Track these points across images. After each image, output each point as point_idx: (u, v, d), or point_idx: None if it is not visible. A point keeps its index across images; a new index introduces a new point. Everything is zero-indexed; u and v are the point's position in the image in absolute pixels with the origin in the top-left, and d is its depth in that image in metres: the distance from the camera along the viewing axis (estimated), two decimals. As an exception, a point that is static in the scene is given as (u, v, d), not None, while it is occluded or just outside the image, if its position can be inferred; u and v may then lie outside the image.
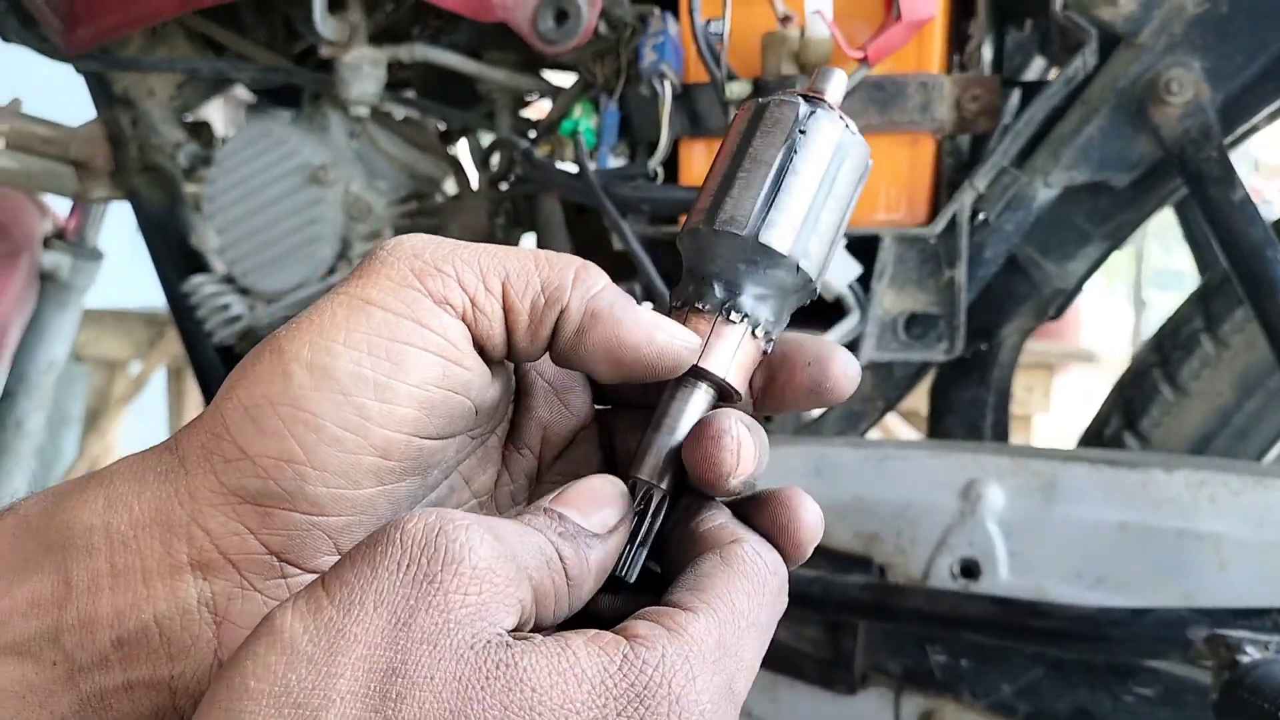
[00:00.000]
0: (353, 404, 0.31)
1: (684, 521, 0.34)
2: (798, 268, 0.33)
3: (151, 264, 1.14)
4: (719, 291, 0.33)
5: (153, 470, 0.33)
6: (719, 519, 0.33)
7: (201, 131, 1.15)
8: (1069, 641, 0.68)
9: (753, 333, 0.34)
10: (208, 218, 0.99)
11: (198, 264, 1.11)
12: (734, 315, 0.33)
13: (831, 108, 0.34)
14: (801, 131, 0.33)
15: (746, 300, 0.33)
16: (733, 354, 0.33)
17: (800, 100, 0.34)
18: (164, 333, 2.60)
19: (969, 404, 0.83)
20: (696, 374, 0.33)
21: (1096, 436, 0.84)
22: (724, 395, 0.34)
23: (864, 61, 0.72)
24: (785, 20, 0.75)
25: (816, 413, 0.86)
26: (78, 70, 1.05)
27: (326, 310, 0.32)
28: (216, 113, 1.43)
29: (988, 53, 0.80)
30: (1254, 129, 0.78)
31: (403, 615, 0.26)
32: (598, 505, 0.31)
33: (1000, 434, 0.83)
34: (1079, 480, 0.74)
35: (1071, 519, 0.74)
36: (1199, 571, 0.71)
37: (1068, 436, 0.94)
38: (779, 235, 0.33)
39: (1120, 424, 0.82)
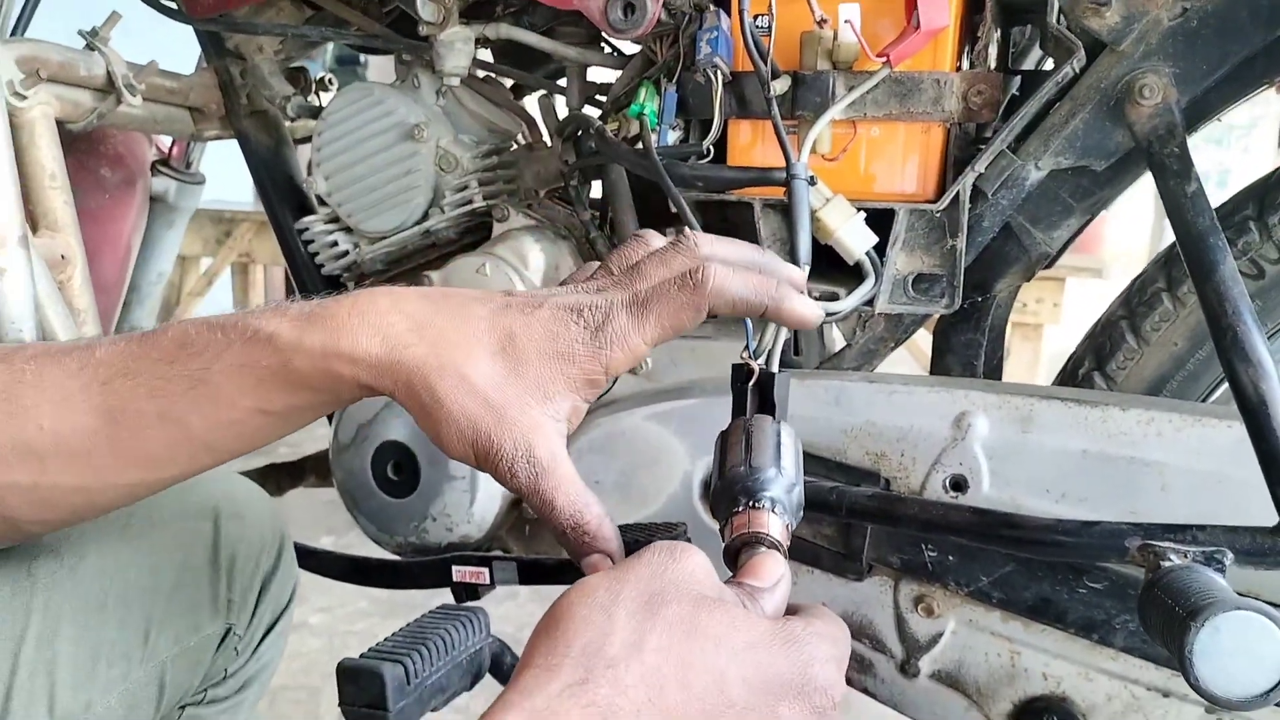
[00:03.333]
0: None
1: None
2: (797, 489, 0.59)
3: (259, 197, 1.30)
4: (770, 496, 0.57)
5: None
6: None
7: (299, 77, 1.29)
8: (1031, 546, 0.82)
9: (785, 524, 0.56)
10: (316, 165, 1.14)
11: (301, 199, 1.26)
12: (777, 509, 0.55)
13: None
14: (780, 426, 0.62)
15: (780, 504, 0.56)
16: (782, 530, 0.56)
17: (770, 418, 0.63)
18: (232, 230, 2.78)
19: (965, 346, 0.97)
20: (762, 539, 0.55)
21: (1072, 376, 0.98)
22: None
23: (886, 63, 0.86)
24: (821, 23, 0.88)
25: (838, 349, 1.02)
26: (197, 31, 1.19)
27: None
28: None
29: (993, 50, 0.93)
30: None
31: (659, 570, 0.48)
32: (767, 573, 0.54)
33: (992, 373, 0.99)
34: (1051, 414, 0.88)
35: (1043, 446, 0.88)
36: (1145, 492, 0.85)
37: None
38: (786, 470, 0.59)
39: (1091, 365, 0.97)
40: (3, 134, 0.82)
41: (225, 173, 1.63)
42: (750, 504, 0.55)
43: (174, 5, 1.14)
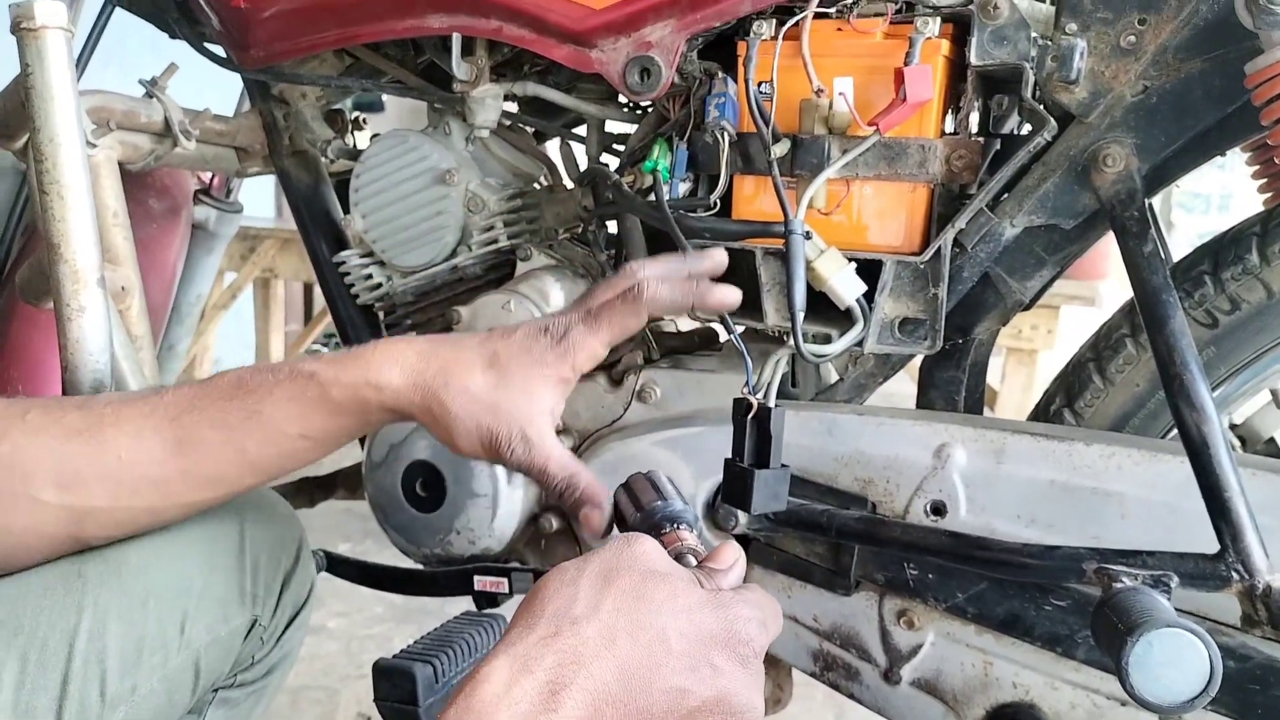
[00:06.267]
0: None
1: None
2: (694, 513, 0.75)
3: (299, 230, 1.39)
4: (685, 521, 0.71)
5: None
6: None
7: (337, 119, 1.39)
8: (1000, 567, 0.89)
9: (698, 534, 0.70)
10: (354, 205, 1.23)
11: (338, 232, 1.36)
12: (693, 529, 0.69)
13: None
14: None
15: (691, 525, 0.70)
16: (696, 540, 0.69)
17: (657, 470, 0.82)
18: (255, 247, 2.88)
19: (948, 382, 1.06)
20: (691, 549, 0.70)
21: (1044, 411, 1.07)
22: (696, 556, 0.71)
23: (877, 130, 0.95)
24: (819, 92, 0.97)
25: (830, 382, 1.11)
26: (245, 79, 1.29)
27: None
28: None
29: (975, 117, 1.03)
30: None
31: (616, 553, 0.60)
32: (724, 558, 0.66)
33: (972, 407, 1.08)
34: (1022, 447, 0.95)
35: (1015, 475, 0.95)
36: (1106, 519, 0.92)
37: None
38: (687, 503, 0.77)
39: (1062, 403, 1.05)
40: (84, 184, 0.91)
41: (250, 193, 1.73)
42: (674, 526, 0.72)
43: (226, 56, 1.24)
